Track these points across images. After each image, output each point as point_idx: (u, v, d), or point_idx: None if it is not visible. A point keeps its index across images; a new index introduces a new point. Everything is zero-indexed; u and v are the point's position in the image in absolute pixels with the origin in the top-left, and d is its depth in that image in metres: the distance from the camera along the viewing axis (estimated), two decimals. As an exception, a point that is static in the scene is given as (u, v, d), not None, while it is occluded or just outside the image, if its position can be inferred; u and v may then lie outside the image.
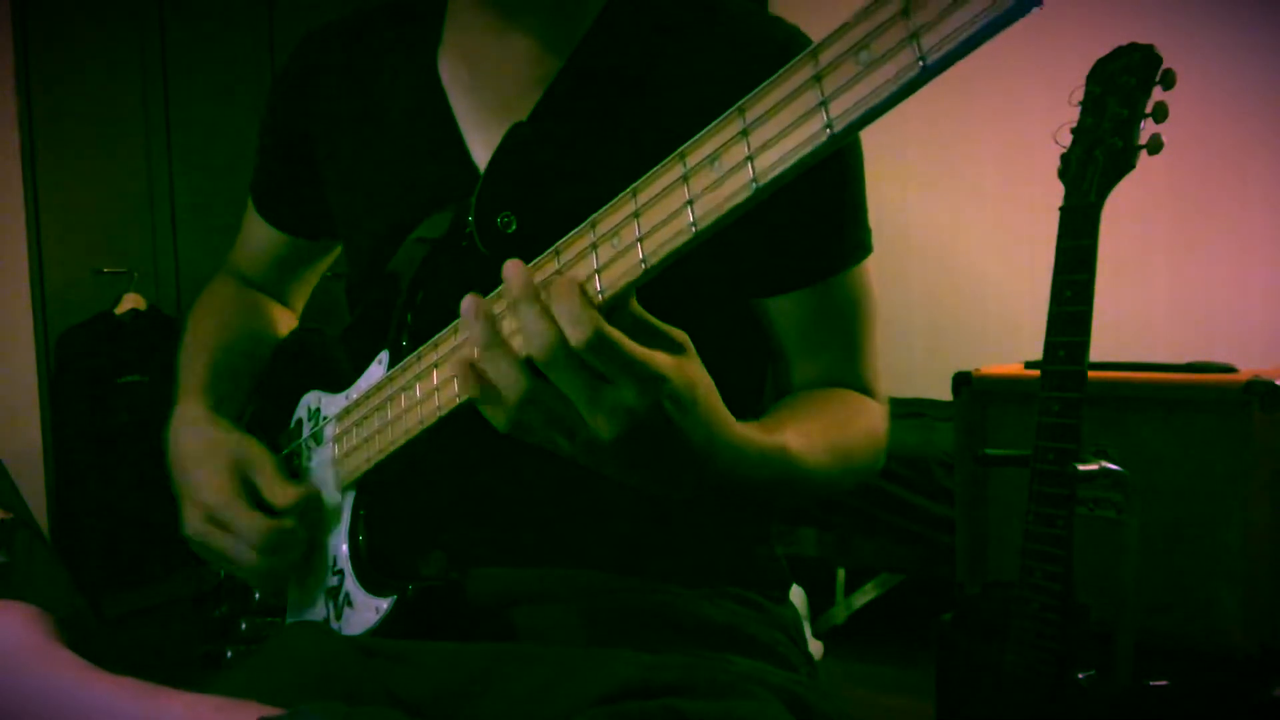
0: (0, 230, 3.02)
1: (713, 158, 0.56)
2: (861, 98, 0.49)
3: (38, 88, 3.08)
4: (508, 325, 0.64)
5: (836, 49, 0.50)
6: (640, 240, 0.60)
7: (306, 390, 0.96)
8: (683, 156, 0.58)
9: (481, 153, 0.88)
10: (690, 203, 0.57)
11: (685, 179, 0.57)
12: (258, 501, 0.87)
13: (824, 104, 0.51)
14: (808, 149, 0.52)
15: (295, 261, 1.12)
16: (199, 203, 3.43)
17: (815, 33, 0.86)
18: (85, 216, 3.22)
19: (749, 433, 0.69)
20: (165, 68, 3.39)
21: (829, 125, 0.51)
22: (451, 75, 0.91)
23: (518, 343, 0.62)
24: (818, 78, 0.51)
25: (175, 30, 3.40)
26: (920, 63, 0.47)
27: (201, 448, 0.90)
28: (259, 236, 1.09)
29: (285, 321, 1.13)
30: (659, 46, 0.86)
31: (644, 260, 0.59)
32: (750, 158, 0.54)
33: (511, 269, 0.61)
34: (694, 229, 0.57)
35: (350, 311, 0.98)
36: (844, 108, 0.50)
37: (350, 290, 0.99)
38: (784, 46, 0.84)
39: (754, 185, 0.54)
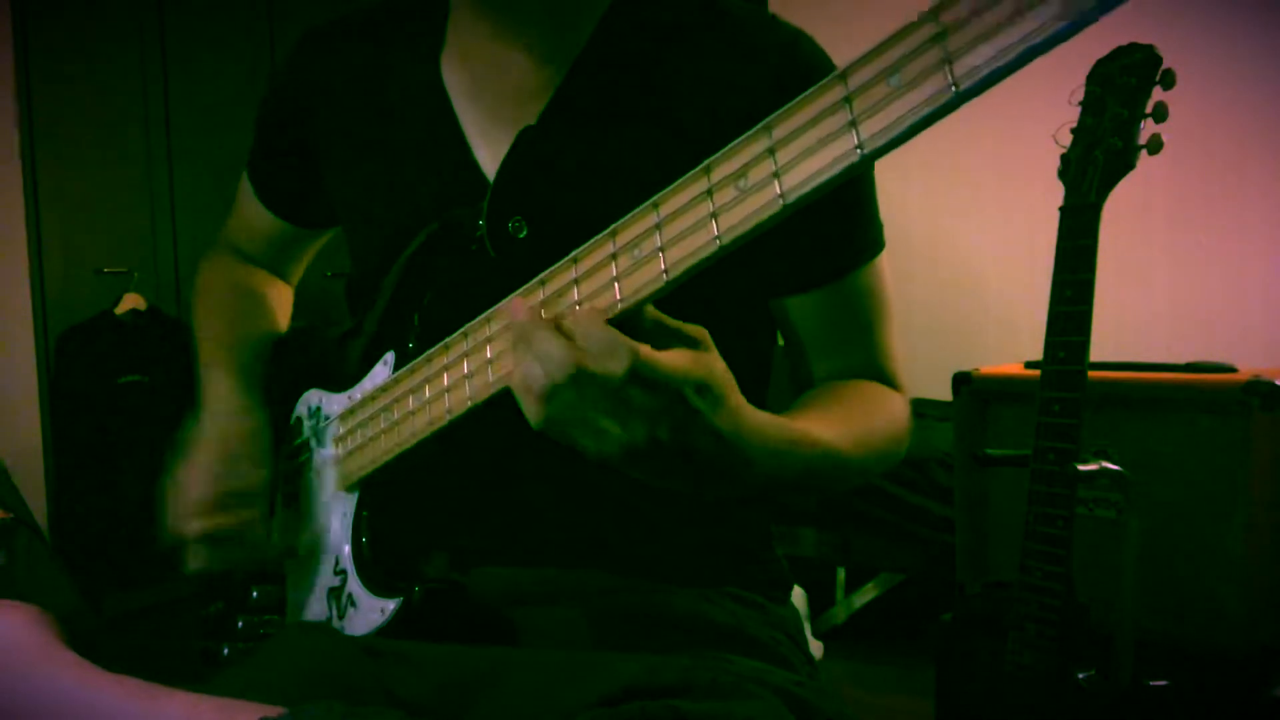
0: (0, 230, 3.02)
1: (739, 173, 0.56)
2: (893, 120, 0.50)
3: (38, 88, 3.08)
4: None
5: (867, 71, 0.51)
6: (662, 250, 0.60)
7: (306, 388, 0.96)
8: (708, 170, 0.58)
9: (487, 159, 0.88)
10: (714, 216, 0.57)
11: (709, 193, 0.58)
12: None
13: (854, 124, 0.51)
14: (839, 168, 0.52)
15: (294, 243, 1.13)
16: (199, 203, 3.43)
17: (816, 33, 0.87)
18: (85, 216, 3.22)
19: (773, 421, 0.69)
20: (165, 68, 3.39)
21: (859, 146, 0.51)
22: (455, 81, 0.91)
23: (535, 366, 0.62)
24: (848, 99, 0.51)
25: (175, 30, 3.40)
26: (953, 88, 0.47)
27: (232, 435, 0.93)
28: (258, 218, 1.10)
29: (286, 298, 1.15)
30: (662, 49, 0.86)
31: (666, 271, 0.60)
32: (777, 174, 0.54)
33: (517, 303, 0.65)
34: (718, 242, 0.57)
35: (350, 311, 0.98)
36: (875, 129, 0.50)
37: (351, 290, 0.99)
38: (787, 48, 0.84)
39: (781, 202, 0.54)
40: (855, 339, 0.89)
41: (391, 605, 0.80)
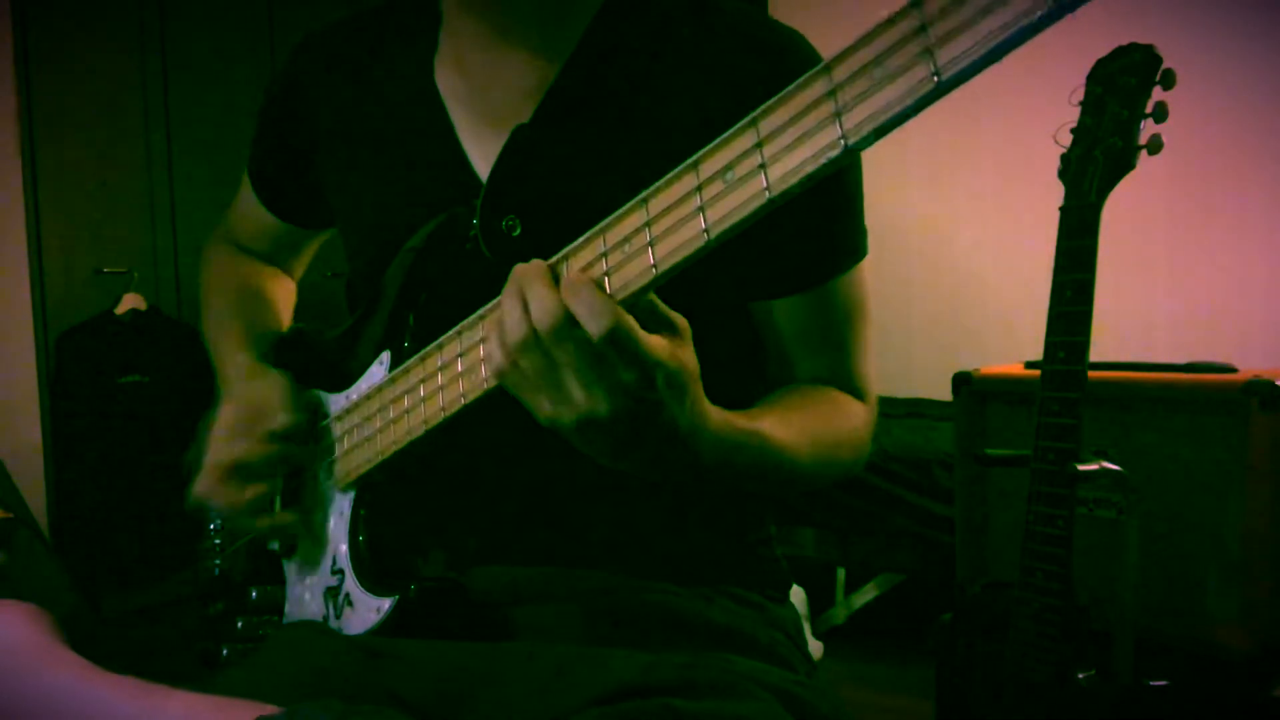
0: (0, 230, 3.02)
1: (727, 168, 0.56)
2: (876, 111, 0.50)
3: (38, 87, 3.08)
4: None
5: (852, 63, 0.51)
6: (651, 246, 0.60)
7: (306, 389, 0.96)
8: (696, 166, 0.58)
9: (480, 160, 0.88)
10: (702, 210, 0.57)
11: (699, 188, 0.58)
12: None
13: (838, 116, 0.51)
14: (822, 160, 0.52)
15: (293, 241, 1.14)
16: (199, 203, 3.43)
17: (814, 34, 0.87)
18: (85, 216, 3.22)
19: (727, 417, 0.71)
20: (165, 68, 3.39)
21: (843, 138, 0.51)
22: (448, 82, 0.91)
23: (520, 311, 0.63)
24: (832, 91, 0.51)
25: (175, 29, 3.40)
26: (935, 78, 0.47)
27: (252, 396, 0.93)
28: (258, 216, 1.11)
29: (289, 292, 1.16)
30: (654, 47, 0.86)
31: (655, 266, 0.60)
32: (764, 167, 0.55)
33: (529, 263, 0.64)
34: (706, 236, 0.58)
35: (350, 312, 0.98)
36: (858, 120, 0.50)
37: (350, 290, 0.99)
38: (781, 48, 0.84)
39: (767, 195, 0.54)
40: (829, 345, 0.89)
41: (387, 604, 0.80)
